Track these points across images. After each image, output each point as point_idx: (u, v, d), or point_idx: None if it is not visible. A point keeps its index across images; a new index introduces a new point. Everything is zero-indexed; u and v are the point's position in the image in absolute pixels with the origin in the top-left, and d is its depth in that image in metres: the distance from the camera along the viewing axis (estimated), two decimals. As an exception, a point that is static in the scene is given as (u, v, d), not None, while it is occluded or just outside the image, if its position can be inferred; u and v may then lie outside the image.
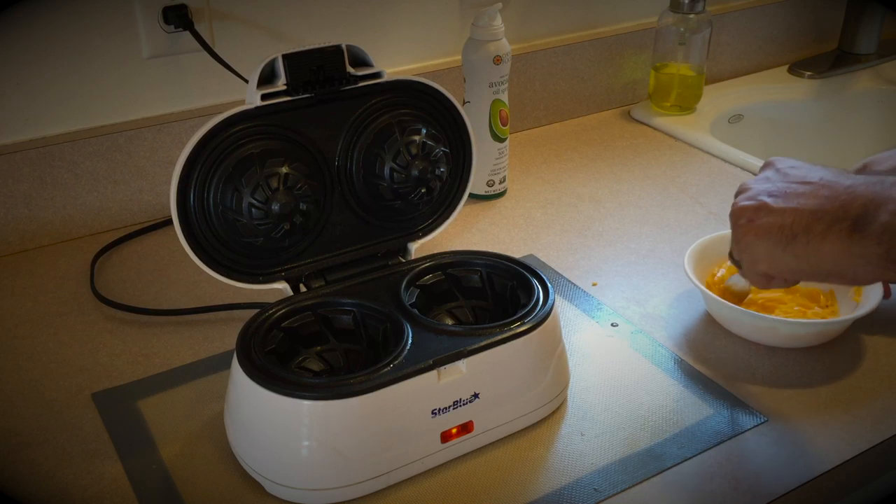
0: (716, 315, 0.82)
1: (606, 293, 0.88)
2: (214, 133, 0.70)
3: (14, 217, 0.94)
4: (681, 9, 1.22)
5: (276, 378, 0.62)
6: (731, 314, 0.79)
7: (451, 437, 0.66)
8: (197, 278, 0.89)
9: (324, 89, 0.73)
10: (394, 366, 0.63)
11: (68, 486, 0.65)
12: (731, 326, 0.80)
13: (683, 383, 0.75)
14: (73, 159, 0.95)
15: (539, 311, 0.69)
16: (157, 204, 1.01)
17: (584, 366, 0.77)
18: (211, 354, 0.79)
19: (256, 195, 0.70)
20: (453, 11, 1.14)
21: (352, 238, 0.79)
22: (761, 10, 1.42)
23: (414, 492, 0.64)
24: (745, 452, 0.68)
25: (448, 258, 0.76)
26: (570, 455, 0.68)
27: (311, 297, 0.71)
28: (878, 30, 1.44)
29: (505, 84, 1.02)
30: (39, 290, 0.89)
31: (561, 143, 1.22)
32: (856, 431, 0.70)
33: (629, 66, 1.31)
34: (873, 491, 0.74)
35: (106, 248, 0.95)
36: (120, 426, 0.71)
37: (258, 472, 0.64)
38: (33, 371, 0.77)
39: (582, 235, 0.98)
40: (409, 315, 0.69)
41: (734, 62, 1.43)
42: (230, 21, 0.99)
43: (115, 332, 0.82)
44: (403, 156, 0.76)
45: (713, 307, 0.81)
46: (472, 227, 1.00)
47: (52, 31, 0.91)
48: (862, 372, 0.76)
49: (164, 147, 0.99)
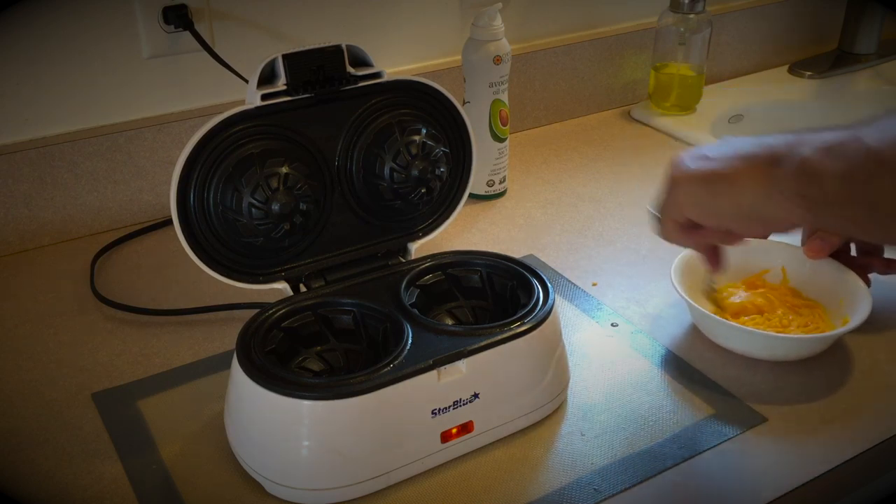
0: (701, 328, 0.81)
1: (606, 293, 0.88)
2: (214, 133, 0.70)
3: (14, 217, 0.94)
4: (681, 9, 1.22)
5: (276, 378, 0.62)
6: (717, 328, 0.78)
7: (451, 437, 0.66)
8: (197, 278, 0.89)
9: (324, 89, 0.73)
10: (394, 366, 0.63)
11: (68, 486, 0.65)
12: (717, 340, 0.79)
13: (683, 383, 0.75)
14: (73, 159, 0.95)
15: (539, 311, 0.69)
16: (157, 204, 1.01)
17: (584, 366, 0.77)
18: (211, 354, 0.79)
19: (256, 195, 0.70)
20: (453, 11, 1.14)
21: (352, 238, 0.79)
22: (761, 10, 1.42)
23: (414, 492, 0.64)
24: (745, 452, 0.68)
25: (448, 258, 0.76)
26: (570, 455, 0.68)
27: (311, 297, 0.71)
28: (878, 30, 1.44)
29: (505, 84, 1.02)
30: (39, 290, 0.89)
31: (561, 143, 1.22)
32: (856, 431, 0.70)
33: (629, 66, 1.31)
34: (873, 491, 0.74)
35: (106, 248, 0.95)
36: (120, 426, 0.71)
37: (258, 472, 0.64)
38: (33, 371, 0.77)
39: (582, 235, 0.98)
40: (409, 315, 0.69)
41: (734, 62, 1.43)
42: (230, 21, 0.99)
43: (115, 332, 0.82)
44: (403, 156, 0.76)
45: (697, 319, 0.80)
46: (472, 227, 1.00)
47: (52, 31, 0.91)
48: (862, 372, 0.76)
49: (164, 147, 0.99)
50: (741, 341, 0.77)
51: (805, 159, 0.58)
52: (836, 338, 0.77)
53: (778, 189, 0.60)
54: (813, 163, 0.58)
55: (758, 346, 0.76)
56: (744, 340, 0.77)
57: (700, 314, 0.78)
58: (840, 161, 0.57)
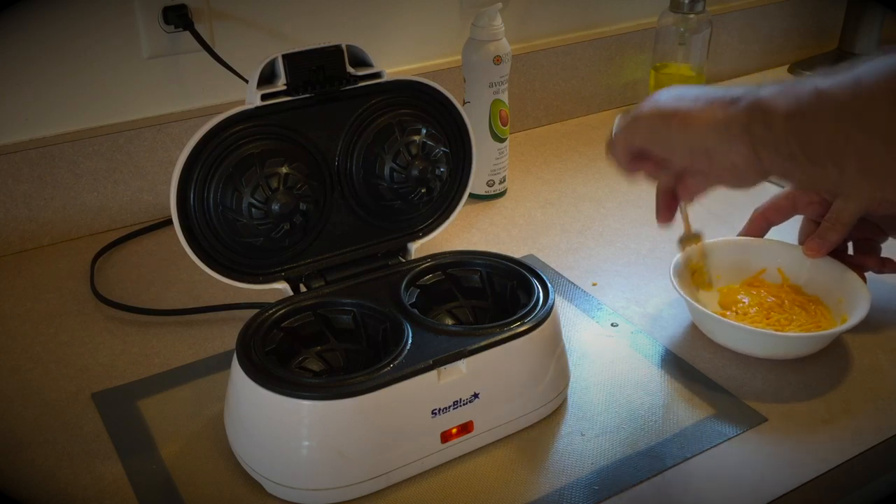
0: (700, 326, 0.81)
1: (606, 293, 0.88)
2: (214, 133, 0.70)
3: (14, 217, 0.94)
4: (681, 9, 1.22)
5: (276, 378, 0.62)
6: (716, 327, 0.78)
7: (451, 437, 0.66)
8: (197, 278, 0.89)
9: (324, 89, 0.73)
10: (394, 366, 0.63)
11: (68, 486, 0.65)
12: (716, 338, 0.79)
13: (683, 383, 0.75)
14: (73, 159, 0.95)
15: (539, 311, 0.69)
16: (157, 204, 1.01)
17: (584, 366, 0.77)
18: (211, 354, 0.79)
19: (256, 195, 0.70)
20: (453, 11, 1.14)
21: (352, 238, 0.79)
22: (761, 10, 1.42)
23: (414, 492, 0.64)
24: (745, 452, 0.68)
25: (448, 258, 0.76)
26: (570, 455, 0.68)
27: (311, 297, 0.71)
28: (878, 30, 1.44)
29: (505, 84, 1.02)
30: (39, 290, 0.89)
31: (561, 143, 1.22)
32: (856, 431, 0.70)
33: (629, 66, 1.31)
34: (873, 491, 0.74)
35: (106, 248, 0.95)
36: (120, 426, 0.71)
37: (258, 472, 0.64)
38: (33, 371, 0.77)
39: (582, 235, 0.98)
40: (409, 315, 0.69)
41: (734, 62, 1.43)
42: (230, 21, 0.99)
43: (115, 332, 0.82)
44: (403, 156, 0.76)
45: (697, 317, 0.81)
46: (472, 227, 1.00)
47: (53, 31, 0.91)
48: (861, 372, 0.76)
49: (164, 147, 0.99)
50: (740, 340, 0.77)
51: (759, 98, 0.59)
52: (836, 336, 0.77)
53: (726, 124, 0.61)
54: (765, 101, 0.59)
55: (757, 345, 0.76)
56: (743, 339, 0.77)
57: (700, 313, 0.78)
58: (790, 99, 0.58)
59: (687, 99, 0.65)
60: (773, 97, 0.58)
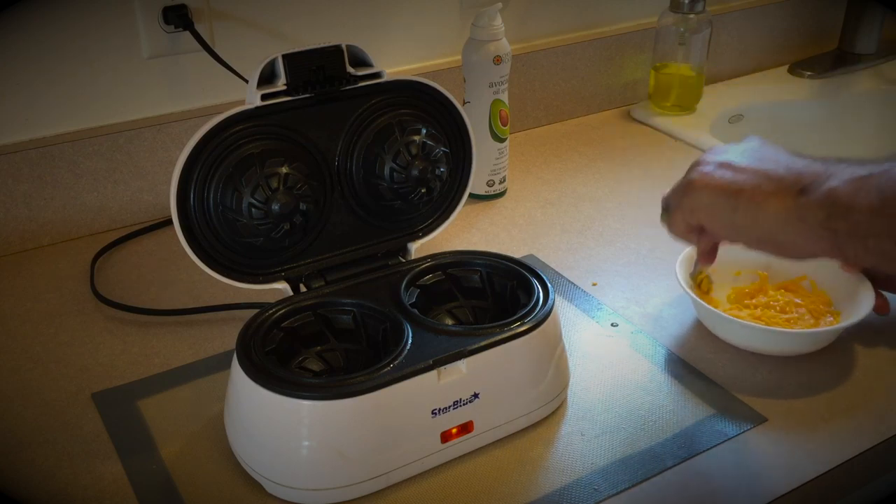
0: (705, 323, 0.81)
1: (606, 293, 0.88)
2: (214, 133, 0.70)
3: (14, 217, 0.94)
4: (681, 9, 1.22)
5: (276, 378, 0.62)
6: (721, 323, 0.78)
7: (451, 437, 0.66)
8: (197, 278, 0.89)
9: (324, 89, 0.73)
10: (394, 366, 0.63)
11: (68, 486, 0.65)
12: (719, 334, 0.79)
13: (683, 383, 0.75)
14: (73, 159, 0.95)
15: (539, 311, 0.69)
16: (157, 204, 1.01)
17: (584, 366, 0.77)
18: (211, 354, 0.79)
19: (256, 195, 0.70)
20: (453, 11, 1.14)
21: (352, 238, 0.79)
22: (761, 10, 1.42)
23: (414, 492, 0.64)
24: (745, 452, 0.68)
25: (448, 258, 0.76)
26: (570, 455, 0.68)
27: (311, 297, 0.71)
28: (878, 30, 1.44)
29: (505, 84, 1.02)
30: (39, 290, 0.89)
31: (561, 143, 1.22)
32: (856, 431, 0.70)
33: (629, 66, 1.31)
34: (873, 491, 0.74)
35: (106, 248, 0.95)
36: (120, 426, 0.71)
37: (258, 472, 0.64)
38: (33, 371, 0.77)
39: (582, 235, 0.98)
40: (409, 315, 0.69)
41: (734, 62, 1.43)
42: (230, 21, 0.99)
43: (115, 332, 0.82)
44: (403, 156, 0.76)
45: (702, 314, 0.81)
46: (472, 227, 1.00)
47: (53, 31, 0.91)
48: (862, 372, 0.76)
49: (164, 147, 0.99)
50: (744, 336, 0.77)
51: (833, 190, 0.57)
52: (839, 332, 0.77)
53: (801, 217, 0.59)
54: (841, 195, 0.57)
55: (761, 341, 0.76)
56: (747, 335, 0.77)
57: (704, 310, 0.78)
58: (871, 193, 0.56)
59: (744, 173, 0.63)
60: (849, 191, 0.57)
